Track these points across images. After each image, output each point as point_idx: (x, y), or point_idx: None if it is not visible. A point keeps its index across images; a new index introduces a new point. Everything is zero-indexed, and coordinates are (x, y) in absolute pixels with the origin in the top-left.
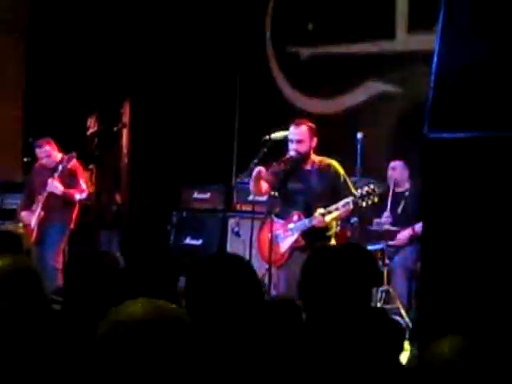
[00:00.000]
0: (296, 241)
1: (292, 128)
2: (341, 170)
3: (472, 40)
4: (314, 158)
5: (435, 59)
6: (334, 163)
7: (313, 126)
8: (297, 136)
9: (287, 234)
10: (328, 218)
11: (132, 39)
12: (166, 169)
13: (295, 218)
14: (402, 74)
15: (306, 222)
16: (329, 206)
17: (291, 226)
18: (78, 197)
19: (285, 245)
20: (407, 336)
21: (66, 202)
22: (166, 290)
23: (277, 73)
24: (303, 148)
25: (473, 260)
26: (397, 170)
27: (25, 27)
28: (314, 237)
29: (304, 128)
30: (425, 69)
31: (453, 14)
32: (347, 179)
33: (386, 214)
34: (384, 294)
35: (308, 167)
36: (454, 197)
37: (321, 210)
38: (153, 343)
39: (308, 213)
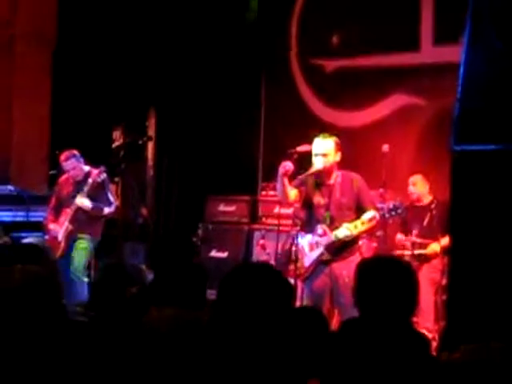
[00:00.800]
0: (321, 254)
1: (318, 142)
2: (363, 185)
3: (498, 53)
4: (337, 172)
5: (461, 71)
6: (357, 177)
7: (338, 140)
8: (322, 150)
9: (312, 248)
10: (355, 232)
11: (157, 52)
12: (192, 181)
13: (320, 231)
14: (428, 86)
15: (331, 235)
16: (353, 219)
17: (316, 239)
18: (106, 210)
19: (310, 258)
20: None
21: (94, 215)
22: (194, 302)
23: (302, 85)
24: (328, 162)
25: (502, 272)
26: (417, 186)
27: (52, 39)
28: (338, 250)
29: (330, 142)
30: (451, 81)
31: (479, 27)
32: (369, 194)
33: (415, 231)
34: None
35: (331, 181)
36: (484, 209)
37: (347, 225)
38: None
39: (333, 227)
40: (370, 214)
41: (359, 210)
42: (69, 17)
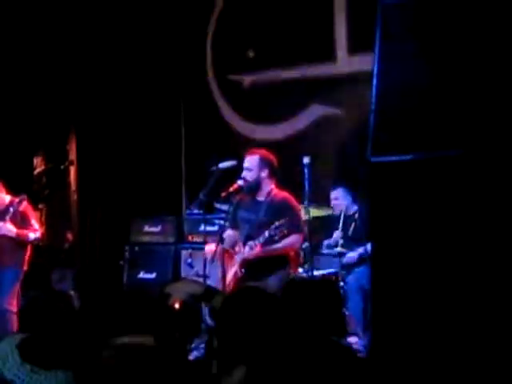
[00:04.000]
0: (235, 272)
1: (245, 156)
2: (297, 207)
3: (409, 61)
4: (272, 190)
5: (374, 82)
6: (291, 198)
7: (267, 156)
8: (246, 164)
9: (232, 265)
10: (255, 250)
11: (75, 75)
12: (116, 203)
13: (237, 248)
14: (346, 95)
15: (241, 254)
16: None
17: (235, 257)
18: (32, 236)
19: (229, 276)
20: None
21: (19, 243)
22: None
23: (220, 101)
24: (251, 176)
25: (421, 279)
26: (339, 199)
27: None
28: (253, 268)
29: (255, 157)
30: (367, 90)
31: (388, 35)
32: (299, 215)
33: (338, 232)
34: None
35: (261, 198)
36: (400, 217)
37: (250, 242)
38: None
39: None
40: (289, 239)
41: None
42: None
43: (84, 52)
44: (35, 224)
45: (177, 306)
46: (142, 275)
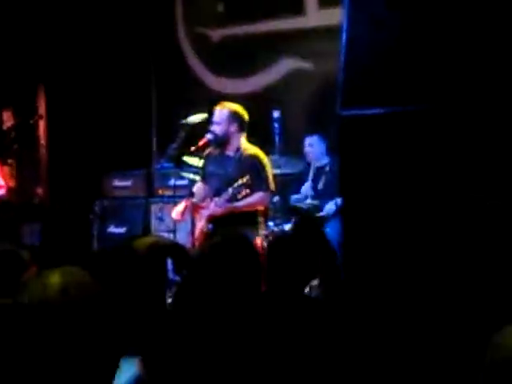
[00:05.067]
0: (202, 227)
1: (214, 110)
2: (266, 165)
3: (379, 15)
4: (241, 145)
5: (343, 36)
6: (261, 155)
7: (237, 110)
8: (215, 117)
9: (199, 220)
10: (220, 207)
11: (43, 27)
12: (86, 158)
13: (205, 203)
14: (315, 49)
15: (208, 209)
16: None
17: (202, 211)
18: None
19: (197, 230)
20: None
21: None
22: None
23: (189, 55)
24: (220, 130)
25: (390, 233)
26: (313, 146)
27: None
28: (219, 224)
29: (224, 111)
30: (337, 44)
31: None
32: (266, 173)
33: (305, 186)
34: None
35: (230, 153)
36: (371, 172)
37: (216, 199)
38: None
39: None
40: (254, 196)
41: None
42: None
43: (53, 6)
44: (0, 180)
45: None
46: (112, 229)
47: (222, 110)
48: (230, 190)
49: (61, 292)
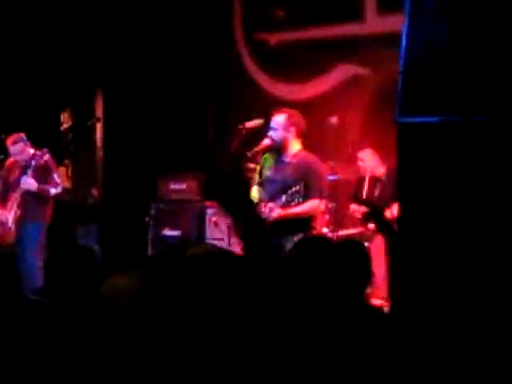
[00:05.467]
0: None
1: (272, 115)
2: (321, 171)
3: (439, 21)
4: (298, 151)
5: (403, 43)
6: (317, 161)
7: (294, 116)
8: (272, 123)
9: None
10: (275, 214)
11: (103, 31)
12: (142, 160)
13: (261, 207)
14: (373, 56)
15: (263, 214)
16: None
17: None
18: (53, 191)
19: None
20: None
21: (42, 198)
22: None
23: (247, 59)
24: (277, 136)
25: (448, 241)
26: (365, 161)
27: None
28: (273, 228)
29: (281, 116)
30: (396, 50)
31: None
32: (319, 183)
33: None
34: None
35: (287, 159)
36: (429, 180)
37: (270, 204)
38: None
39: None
40: (308, 203)
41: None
42: None
43: (112, 11)
44: (57, 178)
45: None
46: (166, 232)
47: (279, 116)
48: (284, 197)
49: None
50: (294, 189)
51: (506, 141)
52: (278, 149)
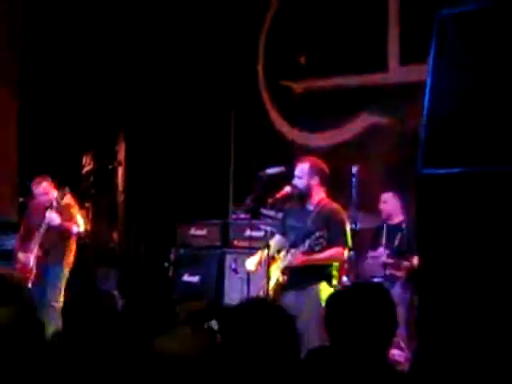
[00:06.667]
0: (277, 279)
1: (296, 164)
2: (343, 220)
3: (463, 74)
4: (321, 199)
5: (427, 94)
6: (339, 210)
7: (318, 164)
8: (296, 171)
9: (274, 271)
10: (297, 259)
11: (126, 76)
12: (163, 205)
13: (282, 254)
14: (396, 105)
15: (284, 260)
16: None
17: (279, 263)
18: (75, 229)
19: (272, 282)
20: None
21: (63, 240)
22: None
23: (270, 107)
24: (301, 184)
25: (469, 293)
26: (388, 203)
27: (17, 64)
28: (294, 276)
29: (305, 164)
30: (418, 101)
31: (443, 48)
32: (344, 229)
33: (381, 249)
34: None
35: (310, 207)
36: (450, 232)
37: (292, 250)
38: None
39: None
40: (331, 250)
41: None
42: (34, 40)
43: (136, 52)
44: (79, 219)
45: None
46: (186, 278)
47: (303, 164)
48: (307, 241)
49: None
50: (317, 234)
51: None
52: (302, 197)
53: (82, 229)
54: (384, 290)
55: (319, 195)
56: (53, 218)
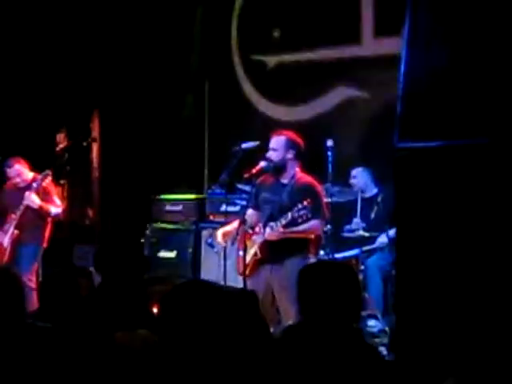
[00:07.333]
0: (255, 253)
1: (271, 137)
2: (320, 193)
3: (438, 46)
4: (296, 173)
5: (402, 68)
6: (315, 183)
7: (294, 138)
8: (271, 144)
9: (251, 246)
10: (277, 232)
11: (99, 52)
12: (138, 182)
13: (257, 229)
14: (370, 78)
15: (261, 235)
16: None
17: (254, 237)
18: (54, 211)
19: (248, 256)
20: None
21: (40, 220)
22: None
23: (244, 81)
24: (276, 157)
25: (446, 264)
26: (358, 178)
27: None
28: (272, 250)
29: (281, 138)
30: (393, 73)
31: (417, 21)
32: (322, 202)
33: (356, 220)
34: None
35: (285, 180)
36: (426, 204)
37: (271, 223)
38: None
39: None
40: (309, 223)
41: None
42: (5, 17)
43: (108, 29)
44: (57, 200)
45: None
46: (162, 254)
47: (279, 137)
48: (290, 214)
49: None
50: (300, 205)
51: (505, 167)
52: (276, 170)
53: (60, 210)
54: (349, 268)
55: (294, 169)
56: (32, 199)
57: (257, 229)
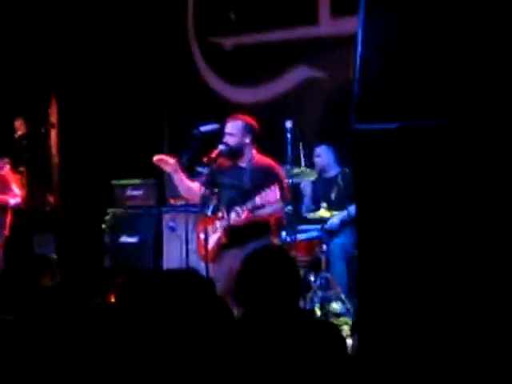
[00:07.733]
0: (219, 238)
1: (227, 121)
2: (281, 174)
3: (395, 28)
4: (254, 156)
5: (358, 47)
6: (275, 165)
7: (250, 122)
8: (228, 129)
9: (213, 231)
10: (243, 217)
11: (55, 37)
12: (98, 167)
13: (219, 214)
14: (329, 58)
15: (225, 219)
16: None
17: (216, 222)
18: (12, 202)
19: (211, 242)
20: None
21: (0, 211)
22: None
23: (201, 63)
24: (232, 141)
25: (406, 246)
26: (322, 157)
27: None
28: (236, 234)
29: (237, 122)
30: (351, 53)
31: (374, 2)
32: (284, 184)
33: (324, 205)
34: (324, 281)
35: (243, 164)
36: (386, 187)
37: (237, 208)
38: None
39: (231, 210)
40: (272, 206)
41: None
42: None
43: (65, 16)
44: (16, 189)
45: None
46: (123, 239)
47: (235, 122)
48: (258, 198)
49: None
50: (268, 190)
51: (470, 145)
52: (233, 154)
53: (18, 200)
54: (284, 252)
55: (251, 152)
56: None
57: (219, 214)
